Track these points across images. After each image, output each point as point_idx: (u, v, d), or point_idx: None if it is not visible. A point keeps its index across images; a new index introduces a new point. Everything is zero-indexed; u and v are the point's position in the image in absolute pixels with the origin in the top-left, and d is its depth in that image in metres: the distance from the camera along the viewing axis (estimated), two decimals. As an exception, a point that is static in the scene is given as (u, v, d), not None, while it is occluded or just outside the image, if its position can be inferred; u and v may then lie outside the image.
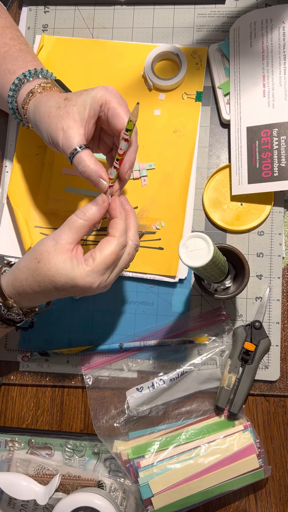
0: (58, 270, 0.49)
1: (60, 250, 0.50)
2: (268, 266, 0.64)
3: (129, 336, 0.65)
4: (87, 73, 0.70)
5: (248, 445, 0.59)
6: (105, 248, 0.50)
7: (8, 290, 0.53)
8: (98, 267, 0.49)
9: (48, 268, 0.49)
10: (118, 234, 0.51)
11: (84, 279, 0.49)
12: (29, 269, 0.51)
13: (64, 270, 0.49)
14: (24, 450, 0.65)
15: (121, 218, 0.52)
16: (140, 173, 0.67)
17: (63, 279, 0.49)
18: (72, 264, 0.49)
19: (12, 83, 0.60)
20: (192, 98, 0.68)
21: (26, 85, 0.60)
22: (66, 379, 0.66)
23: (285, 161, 0.62)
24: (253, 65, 0.65)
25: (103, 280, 0.51)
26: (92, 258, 0.50)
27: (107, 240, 0.51)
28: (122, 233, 0.51)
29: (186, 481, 0.58)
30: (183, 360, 0.63)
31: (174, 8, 0.71)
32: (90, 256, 0.50)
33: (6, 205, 0.69)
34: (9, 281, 0.53)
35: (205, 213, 0.66)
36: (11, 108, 0.62)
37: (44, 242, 0.51)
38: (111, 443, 0.62)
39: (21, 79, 0.60)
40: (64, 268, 0.49)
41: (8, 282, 0.53)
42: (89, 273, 0.49)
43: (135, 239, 0.54)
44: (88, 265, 0.49)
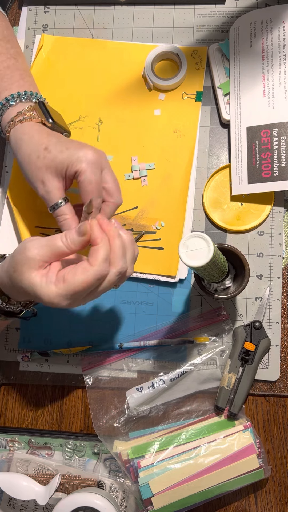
0: (28, 285, 0.48)
1: (32, 264, 0.47)
2: (268, 266, 0.64)
3: (129, 336, 0.65)
4: (87, 73, 0.70)
5: (248, 445, 0.59)
6: (79, 276, 0.46)
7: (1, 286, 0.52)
8: (66, 292, 0.46)
9: (20, 279, 0.48)
10: (97, 263, 0.46)
11: (50, 299, 0.47)
12: (8, 275, 0.50)
13: (33, 286, 0.47)
14: (24, 450, 0.65)
15: (102, 246, 0.47)
16: (140, 173, 0.67)
17: (33, 294, 0.48)
18: (41, 282, 0.47)
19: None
20: (192, 98, 0.68)
21: (8, 110, 0.59)
22: (66, 379, 0.66)
23: (285, 161, 0.62)
24: (253, 65, 0.65)
25: (72, 303, 0.48)
26: (63, 281, 0.46)
27: (83, 267, 0.47)
28: (101, 262, 0.46)
29: (186, 481, 0.58)
30: (183, 360, 0.63)
31: (174, 8, 0.71)
32: (62, 277, 0.47)
33: (6, 205, 0.69)
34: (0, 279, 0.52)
35: (205, 213, 0.66)
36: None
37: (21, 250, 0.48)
38: (111, 443, 0.62)
39: (4, 103, 0.59)
40: (33, 284, 0.47)
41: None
42: (56, 295, 0.46)
43: (119, 265, 0.49)
44: (57, 287, 0.46)
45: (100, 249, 0.47)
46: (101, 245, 0.47)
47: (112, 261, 0.48)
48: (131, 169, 0.67)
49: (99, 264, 0.46)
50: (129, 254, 0.50)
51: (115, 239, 0.49)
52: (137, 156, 0.67)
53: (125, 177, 0.67)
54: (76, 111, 0.69)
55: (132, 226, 0.66)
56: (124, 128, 0.68)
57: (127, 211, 0.67)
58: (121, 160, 0.67)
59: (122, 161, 0.67)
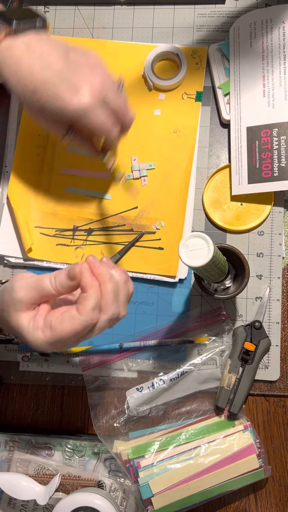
0: (15, 327, 0.46)
1: (19, 307, 0.45)
2: (268, 266, 0.64)
3: (129, 336, 0.65)
4: (87, 73, 0.70)
5: (248, 445, 0.59)
6: (65, 324, 0.44)
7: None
8: (52, 340, 0.44)
9: (8, 320, 0.47)
10: (84, 312, 0.44)
11: (36, 345, 0.45)
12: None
13: (20, 329, 0.45)
14: (24, 450, 0.65)
15: (92, 294, 0.44)
16: (140, 173, 0.67)
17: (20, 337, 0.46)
18: (28, 326, 0.45)
19: None
20: (192, 98, 0.68)
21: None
22: (66, 379, 0.66)
23: (285, 161, 0.62)
24: (253, 65, 0.65)
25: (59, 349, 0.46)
26: (50, 329, 0.44)
27: (71, 316, 0.44)
28: (89, 311, 0.44)
29: (186, 481, 0.58)
30: (183, 360, 0.63)
31: (174, 8, 0.71)
32: (49, 323, 0.44)
33: (6, 205, 0.69)
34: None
35: (205, 213, 0.66)
36: None
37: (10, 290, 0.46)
38: (111, 443, 0.62)
39: None
40: (20, 327, 0.45)
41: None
42: (42, 342, 0.45)
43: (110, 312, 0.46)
44: (44, 333, 0.44)
45: (89, 297, 0.44)
46: (90, 293, 0.44)
47: (103, 307, 0.45)
48: (131, 169, 0.67)
49: (87, 313, 0.44)
50: (122, 296, 0.47)
51: (106, 284, 0.46)
52: (137, 156, 0.67)
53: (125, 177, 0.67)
54: (76, 111, 0.69)
55: (132, 226, 0.66)
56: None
57: (127, 211, 0.67)
58: (121, 160, 0.67)
59: (122, 161, 0.67)
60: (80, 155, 0.69)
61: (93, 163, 0.68)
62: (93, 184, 0.68)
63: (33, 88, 0.51)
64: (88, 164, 0.68)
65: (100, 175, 0.68)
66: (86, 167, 0.68)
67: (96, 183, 0.68)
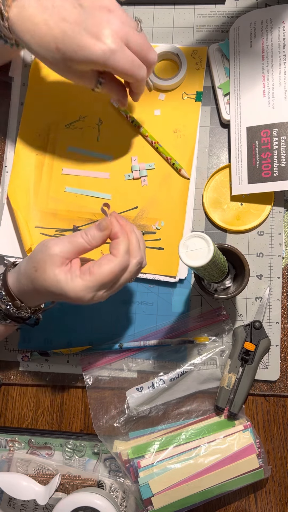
0: (52, 282, 0.49)
1: (55, 262, 0.49)
2: (268, 266, 0.64)
3: (129, 336, 0.65)
4: (87, 73, 0.70)
5: (248, 445, 0.59)
6: (104, 266, 0.49)
7: (14, 291, 0.54)
8: (93, 283, 0.49)
9: (43, 278, 0.49)
10: (120, 254, 0.50)
11: (76, 293, 0.49)
12: (28, 276, 0.51)
13: (58, 283, 0.49)
14: (24, 450, 0.65)
15: (123, 239, 0.51)
16: (140, 173, 0.67)
17: (58, 291, 0.49)
18: (66, 278, 0.49)
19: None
20: (192, 98, 0.68)
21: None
22: (66, 379, 0.66)
23: (285, 161, 0.62)
24: (253, 65, 0.65)
25: (97, 295, 0.50)
26: (89, 273, 0.49)
27: (108, 258, 0.50)
28: (123, 253, 0.50)
29: (186, 481, 0.58)
30: (183, 360, 0.64)
31: (174, 8, 0.71)
32: (88, 270, 0.49)
33: (6, 205, 0.69)
34: (14, 284, 0.54)
35: (205, 213, 0.66)
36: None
37: (43, 249, 0.50)
38: (111, 443, 0.62)
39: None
40: (58, 281, 0.49)
41: (13, 284, 0.54)
42: (83, 288, 0.49)
43: (138, 256, 0.52)
44: (83, 279, 0.49)
45: (121, 242, 0.50)
46: (122, 238, 0.51)
47: (132, 252, 0.52)
48: (131, 169, 0.67)
49: (122, 255, 0.50)
50: (142, 246, 0.54)
51: (132, 233, 0.53)
52: (137, 156, 0.67)
53: (125, 177, 0.67)
54: (76, 111, 0.69)
55: (132, 226, 0.66)
56: (124, 129, 0.68)
57: (127, 211, 0.67)
58: (121, 160, 0.67)
59: (122, 161, 0.67)
60: (80, 155, 0.69)
61: (93, 163, 0.68)
62: (93, 184, 0.68)
63: (55, 44, 0.51)
64: (88, 164, 0.68)
65: (100, 175, 0.68)
66: (86, 167, 0.68)
67: (96, 183, 0.68)
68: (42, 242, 0.51)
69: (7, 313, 0.54)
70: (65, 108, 0.69)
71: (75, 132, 0.69)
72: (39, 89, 0.70)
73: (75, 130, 0.69)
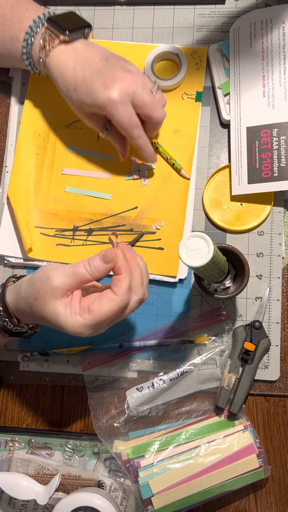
0: (52, 315, 0.48)
1: (56, 294, 0.48)
2: (268, 266, 0.64)
3: (129, 336, 0.65)
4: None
5: (248, 445, 0.59)
6: (104, 305, 0.47)
7: (12, 309, 0.53)
8: (91, 322, 0.47)
9: (43, 309, 0.49)
10: (121, 292, 0.48)
11: (74, 329, 0.48)
12: (27, 302, 0.50)
13: (57, 316, 0.48)
14: (24, 450, 0.65)
15: (126, 276, 0.49)
16: (141, 173, 0.67)
17: (56, 324, 0.49)
18: (65, 312, 0.48)
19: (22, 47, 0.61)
20: (192, 98, 0.68)
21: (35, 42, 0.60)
22: (66, 379, 0.66)
23: (285, 161, 0.62)
24: (253, 65, 0.65)
25: (95, 332, 0.49)
26: (89, 311, 0.47)
27: (108, 297, 0.48)
28: (125, 292, 0.48)
29: (186, 481, 0.58)
30: (183, 360, 0.64)
31: (174, 8, 0.71)
32: (87, 308, 0.48)
33: (6, 205, 0.69)
34: (13, 303, 0.53)
35: (205, 213, 0.66)
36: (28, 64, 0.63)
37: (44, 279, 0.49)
38: (111, 443, 0.62)
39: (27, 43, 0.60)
40: (57, 314, 0.48)
41: (12, 303, 0.53)
42: (81, 325, 0.47)
43: (140, 293, 0.50)
44: (82, 317, 0.47)
45: (124, 279, 0.49)
46: (125, 275, 0.49)
47: (134, 289, 0.50)
48: (131, 169, 0.67)
49: (123, 294, 0.48)
50: (145, 280, 0.52)
51: (136, 268, 0.51)
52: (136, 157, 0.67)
53: (125, 177, 0.67)
54: (76, 111, 0.69)
55: (132, 226, 0.66)
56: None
57: (127, 211, 0.67)
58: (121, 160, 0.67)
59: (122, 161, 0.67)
60: (80, 155, 0.69)
61: (93, 163, 0.68)
62: (93, 184, 0.68)
63: (74, 86, 0.58)
64: (88, 164, 0.68)
65: (100, 175, 0.68)
66: (86, 167, 0.68)
67: (96, 183, 0.68)
68: (44, 271, 0.50)
69: (4, 328, 0.54)
70: (65, 108, 0.69)
71: (75, 132, 0.69)
72: (39, 89, 0.70)
73: (75, 130, 0.69)
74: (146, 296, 0.52)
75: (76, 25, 0.60)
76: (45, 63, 0.60)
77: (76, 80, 0.58)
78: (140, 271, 0.51)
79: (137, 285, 0.50)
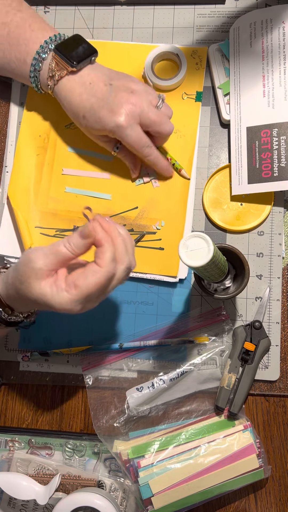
0: (38, 296, 0.48)
1: (39, 275, 0.48)
2: (268, 266, 0.64)
3: (129, 336, 0.65)
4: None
5: (248, 445, 0.59)
6: (90, 278, 0.47)
7: (4, 298, 0.53)
8: (78, 297, 0.47)
9: (29, 291, 0.48)
10: (105, 263, 0.47)
11: (63, 306, 0.48)
12: (15, 287, 0.50)
13: (44, 296, 0.48)
14: (24, 450, 0.65)
15: (108, 247, 0.48)
16: (150, 175, 0.67)
17: (44, 304, 0.48)
18: (51, 291, 0.47)
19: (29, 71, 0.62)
20: (192, 98, 0.68)
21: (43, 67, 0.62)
22: (66, 379, 0.66)
23: (285, 161, 0.62)
24: (253, 65, 0.65)
25: (85, 307, 0.49)
26: (75, 286, 0.47)
27: (93, 270, 0.47)
28: (109, 262, 0.48)
29: (186, 481, 0.58)
30: (183, 360, 0.64)
31: (174, 8, 0.71)
32: (73, 284, 0.47)
33: (6, 205, 0.69)
34: (3, 291, 0.53)
35: (205, 213, 0.66)
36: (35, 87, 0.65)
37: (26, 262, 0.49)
38: (111, 443, 0.62)
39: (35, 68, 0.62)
40: (44, 294, 0.48)
41: (2, 291, 0.53)
42: (69, 302, 0.47)
43: (126, 261, 0.50)
44: (69, 293, 0.47)
45: (106, 250, 0.48)
46: (107, 246, 0.48)
47: (118, 258, 0.49)
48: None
49: (107, 264, 0.47)
50: (130, 248, 0.51)
51: (117, 238, 0.50)
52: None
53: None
54: (76, 111, 0.69)
55: (132, 226, 0.66)
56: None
57: (127, 211, 0.67)
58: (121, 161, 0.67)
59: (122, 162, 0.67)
60: (80, 155, 0.69)
61: (93, 163, 0.68)
62: (93, 184, 0.68)
63: (83, 113, 0.61)
64: (88, 164, 0.68)
65: (100, 175, 0.68)
66: (86, 167, 0.68)
67: (96, 183, 0.68)
68: (25, 254, 0.50)
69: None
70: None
71: (75, 132, 0.69)
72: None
73: (76, 130, 0.69)
74: (133, 264, 0.52)
75: (83, 55, 0.61)
76: (54, 91, 0.62)
77: (84, 108, 0.60)
78: (122, 239, 0.50)
79: (121, 253, 0.50)
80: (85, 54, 0.61)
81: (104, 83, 0.60)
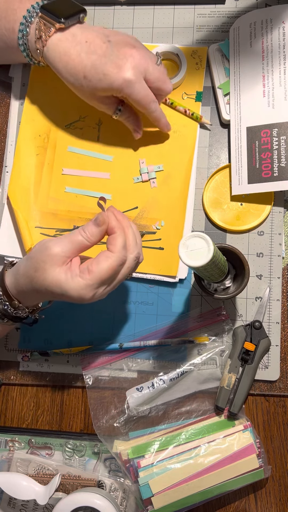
0: (53, 282, 0.49)
1: (55, 261, 0.50)
2: (268, 266, 0.64)
3: (129, 336, 0.65)
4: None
5: (248, 445, 0.59)
6: (103, 263, 0.49)
7: (12, 291, 0.54)
8: (93, 281, 0.49)
9: (44, 278, 0.50)
10: (117, 249, 0.50)
11: (77, 292, 0.49)
12: (27, 276, 0.51)
13: (59, 282, 0.49)
14: (24, 450, 0.65)
15: (120, 234, 0.51)
16: (149, 175, 0.67)
17: (59, 290, 0.50)
18: (66, 276, 0.49)
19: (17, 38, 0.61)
20: (192, 98, 0.68)
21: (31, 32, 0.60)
22: (66, 379, 0.66)
23: (285, 161, 0.62)
24: (253, 65, 0.65)
25: (98, 293, 0.51)
26: (88, 271, 0.49)
27: (105, 255, 0.50)
28: (121, 248, 0.50)
29: (186, 481, 0.58)
30: (183, 360, 0.64)
31: (174, 8, 0.71)
32: (86, 269, 0.50)
33: (6, 205, 0.69)
34: (12, 284, 0.54)
35: (205, 213, 0.66)
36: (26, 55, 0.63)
37: (42, 249, 0.51)
38: (111, 443, 0.62)
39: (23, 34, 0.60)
40: (59, 280, 0.49)
41: (11, 285, 0.54)
42: (84, 286, 0.49)
43: (136, 251, 0.53)
44: (83, 278, 0.49)
45: (118, 237, 0.51)
46: (119, 233, 0.51)
47: (129, 248, 0.52)
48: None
49: (119, 250, 0.50)
50: (139, 241, 0.54)
51: (128, 228, 0.53)
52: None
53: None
54: (76, 111, 0.69)
55: (132, 226, 0.66)
56: (124, 129, 0.68)
57: (127, 211, 0.67)
58: (121, 160, 0.67)
59: (122, 161, 0.67)
60: (80, 155, 0.69)
61: (93, 163, 0.68)
62: (93, 184, 0.68)
63: (83, 73, 0.57)
64: (88, 164, 0.68)
65: (100, 175, 0.68)
66: (86, 167, 0.68)
67: (96, 183, 0.68)
68: (42, 243, 0.52)
69: (4, 313, 0.55)
70: (65, 108, 0.70)
71: (75, 132, 0.69)
72: (39, 89, 0.70)
73: (75, 130, 0.69)
74: (141, 256, 0.54)
75: (71, 11, 0.59)
76: (43, 53, 0.60)
77: (85, 67, 0.57)
78: (132, 231, 0.53)
79: (131, 243, 0.52)
80: (72, 9, 0.59)
81: (102, 40, 0.58)
